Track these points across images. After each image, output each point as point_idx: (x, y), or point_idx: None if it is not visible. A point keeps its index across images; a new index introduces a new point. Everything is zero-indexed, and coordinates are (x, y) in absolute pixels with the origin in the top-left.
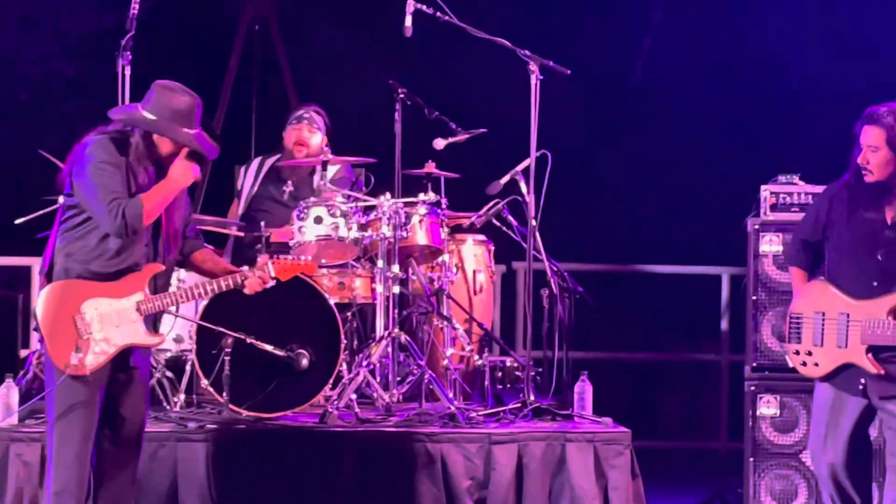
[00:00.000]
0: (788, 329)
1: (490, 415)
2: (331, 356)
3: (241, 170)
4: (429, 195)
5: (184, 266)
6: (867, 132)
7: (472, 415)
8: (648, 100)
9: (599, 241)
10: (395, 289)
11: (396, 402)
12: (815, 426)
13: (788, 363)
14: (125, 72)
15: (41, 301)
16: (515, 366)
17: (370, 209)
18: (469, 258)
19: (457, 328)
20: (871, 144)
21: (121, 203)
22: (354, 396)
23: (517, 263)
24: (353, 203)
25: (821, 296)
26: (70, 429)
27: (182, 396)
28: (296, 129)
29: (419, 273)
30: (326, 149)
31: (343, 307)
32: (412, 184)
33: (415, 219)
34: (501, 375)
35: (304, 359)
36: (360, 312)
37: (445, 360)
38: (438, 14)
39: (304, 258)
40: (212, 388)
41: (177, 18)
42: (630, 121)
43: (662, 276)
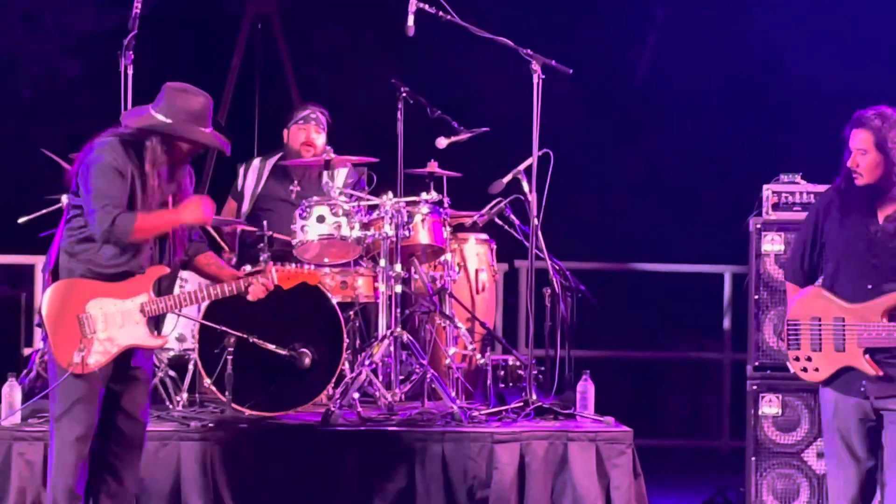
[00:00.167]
0: (787, 336)
1: (492, 414)
2: (333, 355)
3: (241, 170)
4: (431, 194)
5: (187, 268)
6: (856, 136)
7: (475, 414)
8: (651, 99)
9: (601, 240)
10: (398, 288)
11: (399, 402)
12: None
13: (790, 369)
14: (128, 72)
15: (47, 298)
16: (518, 365)
17: (373, 208)
18: (471, 257)
19: (459, 327)
20: (860, 148)
21: (112, 211)
22: (357, 395)
23: (519, 262)
24: (356, 202)
25: (815, 302)
26: (70, 426)
27: (185, 395)
28: (303, 130)
29: (421, 272)
30: (329, 149)
31: (345, 306)
32: (414, 183)
33: (417, 218)
34: (504, 374)
35: (307, 358)
36: (363, 311)
37: (448, 359)
38: (441, 13)
39: (309, 267)
40: (214, 388)
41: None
42: (633, 120)
43: (664, 275)
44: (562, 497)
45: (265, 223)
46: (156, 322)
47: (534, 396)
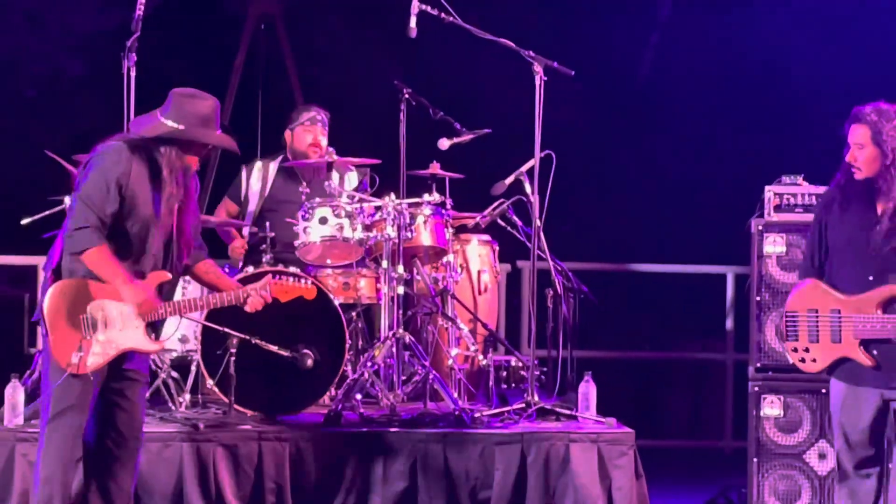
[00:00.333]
0: (785, 327)
1: (494, 415)
2: (336, 356)
3: (243, 173)
4: (433, 195)
5: (185, 275)
6: (854, 131)
7: (477, 415)
8: (654, 100)
9: (603, 241)
10: (400, 289)
11: (401, 402)
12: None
13: (789, 360)
14: (130, 73)
15: (49, 297)
16: (520, 365)
17: (375, 210)
18: (474, 258)
19: (461, 328)
20: (858, 142)
21: (88, 220)
22: (359, 396)
23: (522, 263)
24: (358, 203)
25: (813, 293)
26: (61, 425)
27: (187, 396)
28: (310, 131)
29: (424, 273)
30: (331, 150)
31: (348, 307)
32: (417, 184)
33: (419, 219)
34: (506, 375)
35: (309, 359)
36: (365, 313)
37: (450, 360)
38: (443, 15)
39: (306, 282)
40: (217, 389)
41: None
42: (635, 121)
43: (666, 276)
44: (563, 498)
45: (267, 225)
46: (154, 327)
47: (536, 397)
